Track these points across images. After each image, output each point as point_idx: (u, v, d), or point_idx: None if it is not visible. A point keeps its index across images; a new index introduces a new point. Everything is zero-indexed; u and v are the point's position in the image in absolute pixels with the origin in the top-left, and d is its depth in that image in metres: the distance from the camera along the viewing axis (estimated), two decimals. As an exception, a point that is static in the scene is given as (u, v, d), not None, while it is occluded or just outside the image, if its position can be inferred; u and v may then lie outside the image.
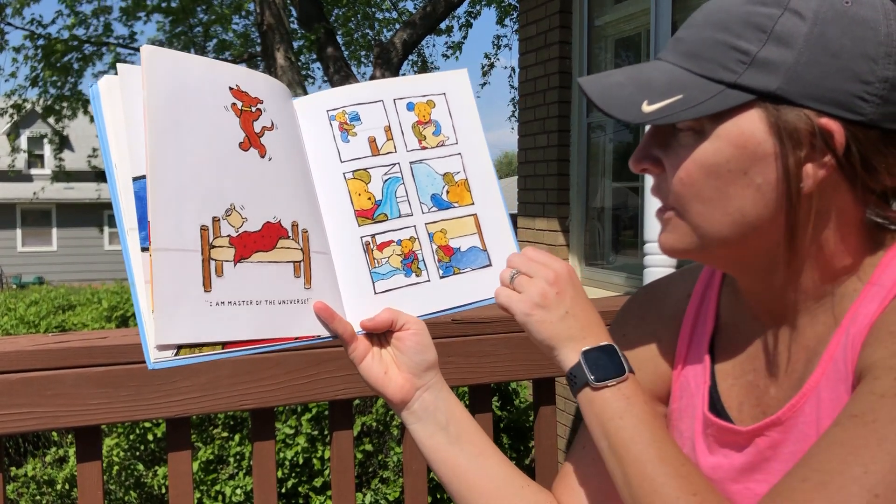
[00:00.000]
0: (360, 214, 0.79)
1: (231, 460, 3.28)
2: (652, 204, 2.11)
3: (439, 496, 3.18)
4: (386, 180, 0.80)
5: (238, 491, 3.18)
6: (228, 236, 0.68)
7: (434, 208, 0.81)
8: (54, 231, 21.16)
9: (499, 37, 11.93)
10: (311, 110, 0.80)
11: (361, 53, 11.70)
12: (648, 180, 2.14)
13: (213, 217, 0.68)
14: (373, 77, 7.48)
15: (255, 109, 0.73)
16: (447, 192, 0.82)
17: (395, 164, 0.80)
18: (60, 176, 10.35)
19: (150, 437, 3.41)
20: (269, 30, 6.72)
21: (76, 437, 1.14)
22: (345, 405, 1.28)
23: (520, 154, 4.57)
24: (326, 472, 3.19)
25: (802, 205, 0.63)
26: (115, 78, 0.67)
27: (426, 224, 0.80)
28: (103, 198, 16.25)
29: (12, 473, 3.81)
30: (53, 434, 4.05)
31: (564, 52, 4.11)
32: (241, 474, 3.25)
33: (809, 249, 0.66)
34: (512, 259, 0.77)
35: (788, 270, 0.67)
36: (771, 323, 0.73)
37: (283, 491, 3.17)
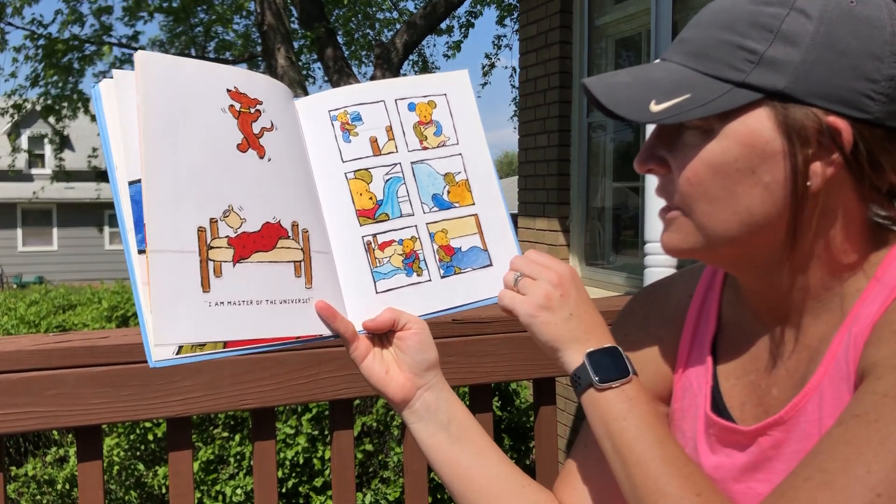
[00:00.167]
0: (361, 214, 0.79)
1: (231, 460, 3.29)
2: (653, 204, 2.10)
3: (440, 496, 3.18)
4: (387, 180, 0.80)
5: (238, 491, 3.18)
6: (227, 237, 0.68)
7: (435, 208, 0.81)
8: (55, 231, 21.17)
9: (499, 37, 11.91)
10: (313, 110, 0.79)
11: (362, 53, 11.70)
12: (649, 180, 2.14)
13: (211, 218, 0.68)
14: (373, 77, 7.48)
15: (253, 111, 0.72)
16: (448, 192, 0.82)
17: (396, 164, 0.80)
18: (61, 176, 10.34)
19: (150, 437, 3.41)
20: (270, 30, 6.72)
21: (77, 437, 1.14)
22: (345, 405, 1.28)
23: (520, 154, 4.57)
24: (327, 472, 3.19)
25: (809, 203, 0.63)
26: (115, 78, 0.67)
27: (427, 224, 0.80)
28: (103, 198, 16.27)
29: (13, 473, 3.81)
30: (54, 434, 4.06)
31: (565, 52, 4.11)
32: (241, 474, 3.25)
33: (813, 248, 0.66)
34: (515, 261, 0.77)
35: (792, 269, 0.67)
36: (773, 322, 0.73)
37: (284, 491, 3.18)
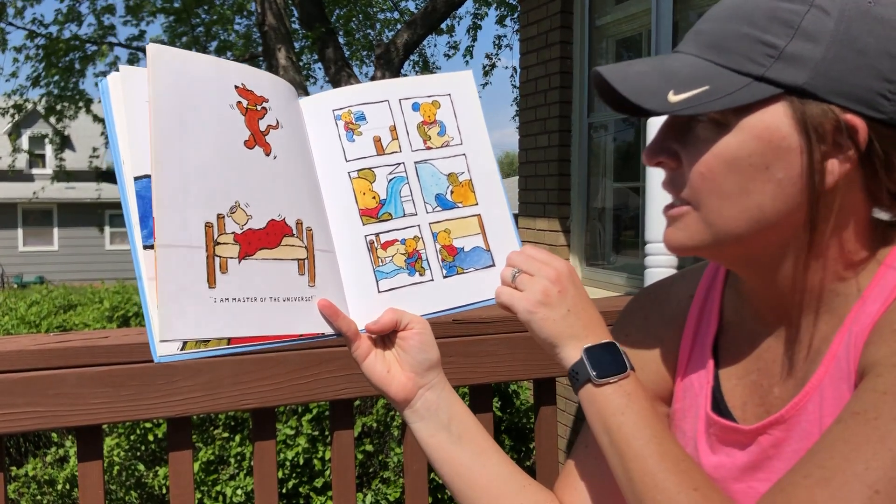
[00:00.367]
0: (364, 213, 0.79)
1: (232, 461, 3.29)
2: (653, 204, 2.10)
3: (440, 496, 3.18)
4: (391, 180, 0.80)
5: (239, 491, 3.18)
6: (233, 233, 0.68)
7: (438, 208, 0.81)
8: (55, 231, 21.18)
9: (500, 37, 11.91)
10: (317, 110, 0.79)
11: (363, 53, 11.71)
12: (650, 181, 2.14)
13: (218, 214, 0.67)
14: (374, 77, 7.48)
15: (260, 108, 0.72)
16: (451, 192, 0.82)
17: (399, 164, 0.80)
18: (61, 176, 10.35)
19: (150, 438, 3.41)
20: (271, 30, 6.72)
21: (77, 437, 1.14)
22: (346, 405, 1.28)
23: (521, 154, 4.57)
24: (327, 473, 3.19)
25: (823, 200, 0.63)
26: (121, 74, 0.67)
27: (430, 224, 0.80)
28: (104, 198, 16.25)
29: (13, 473, 3.81)
30: (53, 434, 4.06)
31: (565, 53, 4.11)
32: (241, 475, 3.25)
33: (823, 247, 0.66)
34: (512, 258, 0.77)
35: (797, 268, 0.67)
36: (774, 322, 0.73)
37: (284, 491, 3.18)
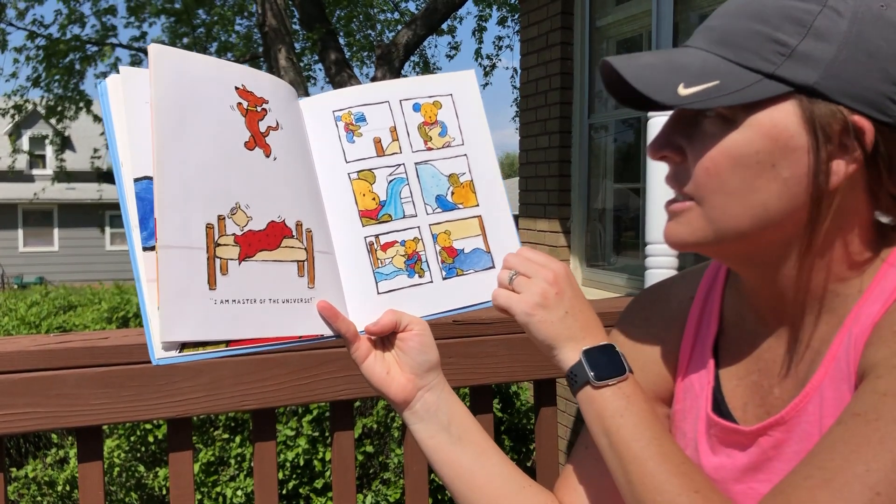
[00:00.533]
0: (364, 215, 0.78)
1: (232, 462, 3.29)
2: (654, 205, 2.10)
3: (440, 497, 3.18)
4: (391, 181, 0.80)
5: (239, 492, 3.18)
6: (233, 235, 0.68)
7: (438, 209, 0.81)
8: (55, 231, 21.18)
9: (500, 38, 11.93)
10: (317, 111, 0.79)
11: (363, 54, 11.71)
12: (650, 181, 2.14)
13: (219, 215, 0.68)
14: (374, 78, 7.48)
15: (260, 109, 0.73)
16: (452, 193, 0.82)
17: (400, 165, 0.80)
18: (62, 176, 10.35)
19: (150, 439, 3.41)
20: (271, 31, 6.72)
21: (77, 438, 1.14)
22: (346, 406, 1.28)
23: (521, 155, 4.57)
24: (327, 474, 3.19)
25: (827, 201, 0.63)
26: (122, 76, 0.67)
27: (430, 225, 0.80)
28: (105, 198, 16.26)
29: (13, 474, 3.81)
30: (53, 435, 4.05)
31: (566, 53, 4.11)
32: (241, 476, 3.25)
33: (824, 247, 0.66)
34: (509, 260, 0.76)
35: (798, 267, 0.67)
36: (775, 323, 0.73)
37: (284, 492, 3.18)
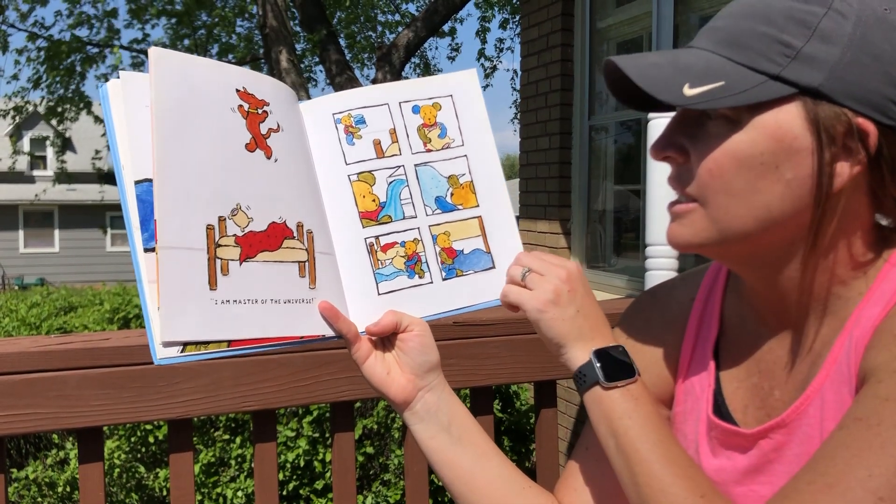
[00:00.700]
0: (364, 216, 0.79)
1: (232, 463, 3.29)
2: (654, 207, 2.10)
3: (440, 499, 3.18)
4: (390, 182, 0.80)
5: (239, 493, 3.18)
6: (234, 236, 0.69)
7: (438, 211, 0.81)
8: (56, 232, 21.19)
9: (501, 40, 11.98)
10: (317, 113, 0.80)
11: (364, 56, 11.72)
12: (651, 183, 2.14)
13: (220, 216, 0.68)
14: (375, 79, 7.48)
15: (261, 111, 0.73)
16: (451, 194, 0.82)
17: (399, 167, 0.80)
18: (62, 177, 10.35)
19: (151, 440, 3.41)
20: (272, 32, 6.73)
21: (78, 439, 1.14)
22: (346, 407, 1.28)
23: (521, 156, 4.57)
24: (327, 475, 3.19)
25: (830, 203, 0.63)
26: (121, 80, 0.67)
27: (430, 226, 0.80)
28: (105, 199, 16.29)
29: (13, 475, 3.81)
30: (54, 436, 4.06)
31: (566, 55, 4.11)
32: (242, 477, 3.25)
33: (827, 249, 0.66)
34: (522, 257, 0.77)
35: (801, 270, 0.67)
36: (776, 325, 0.73)
37: (285, 493, 3.18)
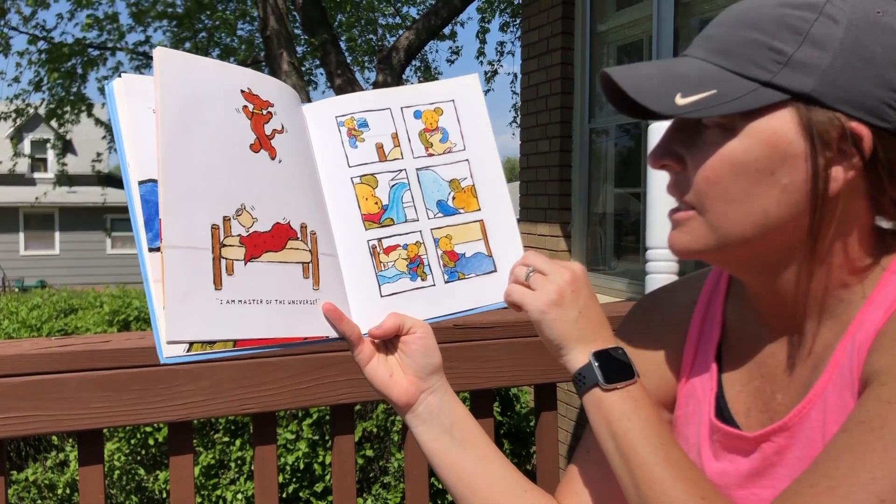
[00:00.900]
0: (367, 218, 0.79)
1: (232, 465, 3.28)
2: (655, 210, 2.10)
3: (440, 501, 3.17)
4: (393, 186, 0.80)
5: (239, 496, 3.18)
6: (239, 236, 0.69)
7: (440, 214, 0.82)
8: (57, 235, 21.19)
9: (502, 43, 12.04)
10: (320, 116, 0.80)
11: (364, 59, 11.74)
12: (651, 186, 2.14)
13: (224, 216, 0.68)
14: (376, 82, 7.50)
15: (265, 112, 0.73)
16: (453, 198, 0.82)
17: (401, 171, 0.81)
18: (63, 180, 10.36)
19: (151, 442, 3.41)
20: (273, 35, 6.74)
21: (78, 441, 1.14)
22: (346, 410, 1.28)
23: (521, 159, 4.57)
24: (327, 478, 3.18)
25: (827, 207, 0.63)
26: (125, 81, 0.67)
27: (432, 229, 0.81)
28: (106, 202, 16.30)
29: (13, 478, 3.80)
30: (54, 438, 4.05)
31: (567, 58, 4.12)
32: (242, 479, 3.25)
33: (827, 253, 0.66)
34: (527, 257, 0.77)
35: (801, 274, 0.67)
36: (778, 328, 0.73)
37: (284, 496, 3.17)
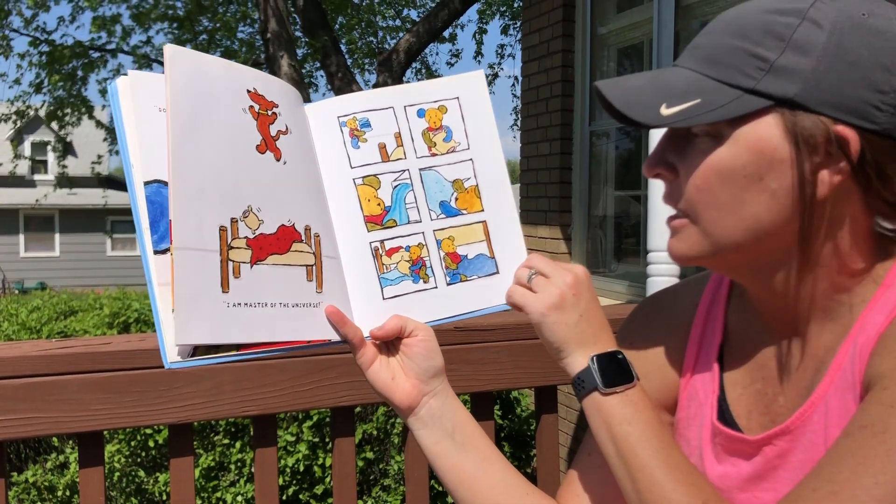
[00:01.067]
0: (369, 220, 0.78)
1: (232, 467, 3.28)
2: (655, 212, 2.10)
3: (440, 504, 3.17)
4: (395, 186, 0.80)
5: (239, 498, 3.17)
6: (245, 238, 0.68)
7: (442, 215, 0.81)
8: (57, 237, 21.18)
9: (502, 45, 12.09)
10: (322, 116, 0.79)
11: (364, 61, 11.75)
12: (652, 189, 2.14)
13: (232, 218, 0.67)
14: (376, 84, 7.50)
15: (270, 113, 0.73)
16: (456, 199, 0.82)
17: (404, 171, 0.80)
18: (63, 182, 10.35)
19: (151, 444, 3.40)
20: (273, 37, 6.74)
21: (79, 443, 1.14)
22: (347, 412, 1.28)
23: (522, 162, 4.57)
24: (327, 480, 3.18)
25: (817, 211, 0.63)
26: (130, 79, 0.67)
27: (434, 231, 0.80)
28: (107, 204, 16.30)
29: (13, 479, 3.80)
30: (54, 440, 4.05)
31: (567, 61, 4.12)
32: (242, 481, 3.24)
33: (821, 256, 0.66)
34: (531, 259, 0.77)
35: (798, 277, 0.67)
36: (780, 331, 0.73)
37: (285, 498, 3.17)
